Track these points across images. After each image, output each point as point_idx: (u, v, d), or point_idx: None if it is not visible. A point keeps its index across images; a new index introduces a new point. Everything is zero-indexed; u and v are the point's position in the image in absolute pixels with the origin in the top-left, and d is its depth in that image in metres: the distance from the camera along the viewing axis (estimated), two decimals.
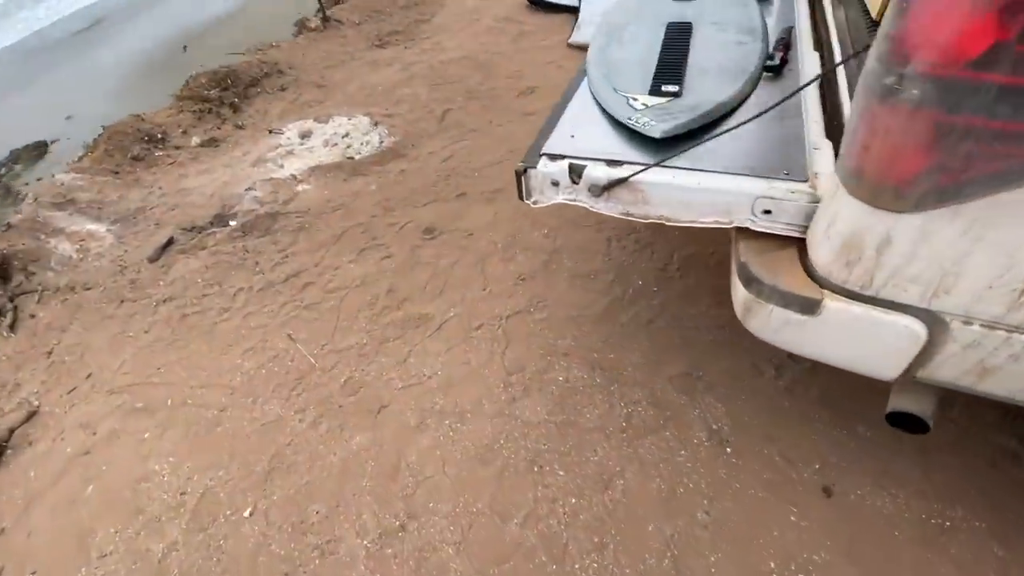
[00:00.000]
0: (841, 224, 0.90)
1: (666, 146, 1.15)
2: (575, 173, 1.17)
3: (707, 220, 1.11)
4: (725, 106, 1.25)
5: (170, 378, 2.07)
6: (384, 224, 2.59)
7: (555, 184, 1.20)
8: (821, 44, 1.43)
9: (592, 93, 1.41)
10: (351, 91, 3.61)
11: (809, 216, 1.01)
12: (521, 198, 1.25)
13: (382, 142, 3.09)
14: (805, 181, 1.04)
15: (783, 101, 1.06)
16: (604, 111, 1.32)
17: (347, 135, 3.15)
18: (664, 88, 1.31)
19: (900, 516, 1.42)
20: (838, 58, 1.25)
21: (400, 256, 2.41)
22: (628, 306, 2.05)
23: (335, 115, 3.35)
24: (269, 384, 1.97)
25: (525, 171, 1.21)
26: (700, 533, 1.45)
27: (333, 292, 2.28)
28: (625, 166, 1.14)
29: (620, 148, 1.19)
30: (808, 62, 1.38)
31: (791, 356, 1.76)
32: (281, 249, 2.52)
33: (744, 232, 1.09)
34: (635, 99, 1.29)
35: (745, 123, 1.07)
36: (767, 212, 1.05)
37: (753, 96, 1.30)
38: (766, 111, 1.06)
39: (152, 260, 2.58)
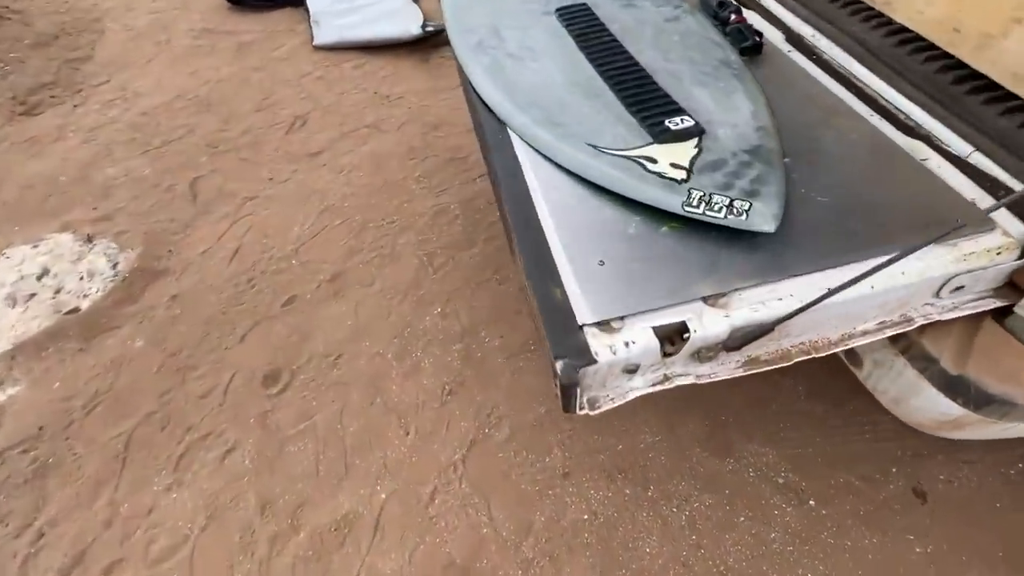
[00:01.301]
0: None
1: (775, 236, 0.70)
2: (669, 341, 0.65)
3: (867, 327, 0.72)
4: (770, 131, 0.84)
5: None
6: (190, 397, 1.67)
7: (632, 371, 0.66)
8: None
9: (554, 162, 0.86)
10: (10, 199, 2.29)
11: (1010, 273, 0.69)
12: (570, 411, 0.66)
13: (116, 265, 2.01)
14: (994, 228, 0.70)
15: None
16: (609, 196, 0.79)
17: (45, 274, 1.97)
18: (674, 127, 0.84)
19: None
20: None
21: (250, 441, 1.57)
22: None
23: (3, 249, 2.08)
24: None
25: (575, 372, 0.62)
26: None
27: (164, 560, 1.36)
28: (741, 294, 0.67)
29: (693, 260, 0.71)
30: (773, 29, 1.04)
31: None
32: (19, 528, 1.43)
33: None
34: (648, 160, 0.80)
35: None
36: (958, 289, 0.70)
37: (757, 98, 0.91)
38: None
39: None
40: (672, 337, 0.65)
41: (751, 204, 0.70)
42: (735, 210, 0.70)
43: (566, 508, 1.45)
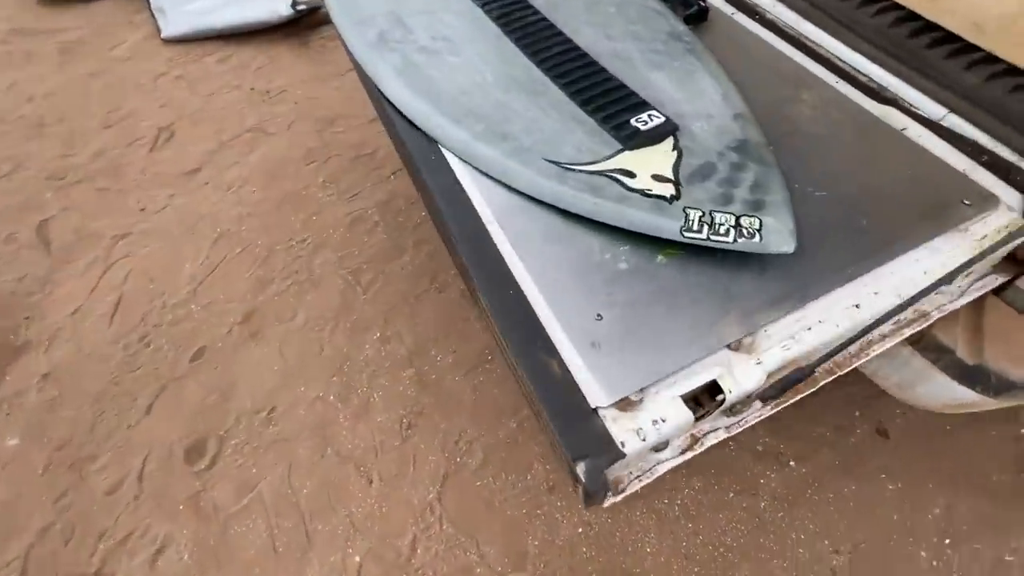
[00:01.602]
0: None
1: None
2: (699, 403, 0.53)
3: (884, 331, 0.65)
4: (749, 118, 0.73)
5: None
6: (95, 495, 1.40)
7: (660, 448, 0.54)
8: None
9: (509, 186, 0.70)
10: None
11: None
12: (594, 505, 0.54)
13: None
14: (998, 205, 0.65)
15: None
16: (584, 222, 0.65)
17: None
18: (643, 126, 0.71)
19: None
20: None
21: (183, 532, 1.34)
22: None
23: None
24: None
25: (601, 472, 0.49)
26: None
27: None
28: (767, 331, 0.57)
29: (704, 296, 0.59)
30: None
31: None
32: None
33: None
34: (624, 174, 0.67)
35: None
36: (968, 274, 0.65)
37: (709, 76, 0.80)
38: None
39: None
40: (702, 399, 0.54)
41: (761, 220, 0.60)
42: (745, 230, 0.60)
43: (558, 525, 1.37)
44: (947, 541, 1.35)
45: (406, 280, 1.80)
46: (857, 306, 0.58)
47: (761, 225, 0.59)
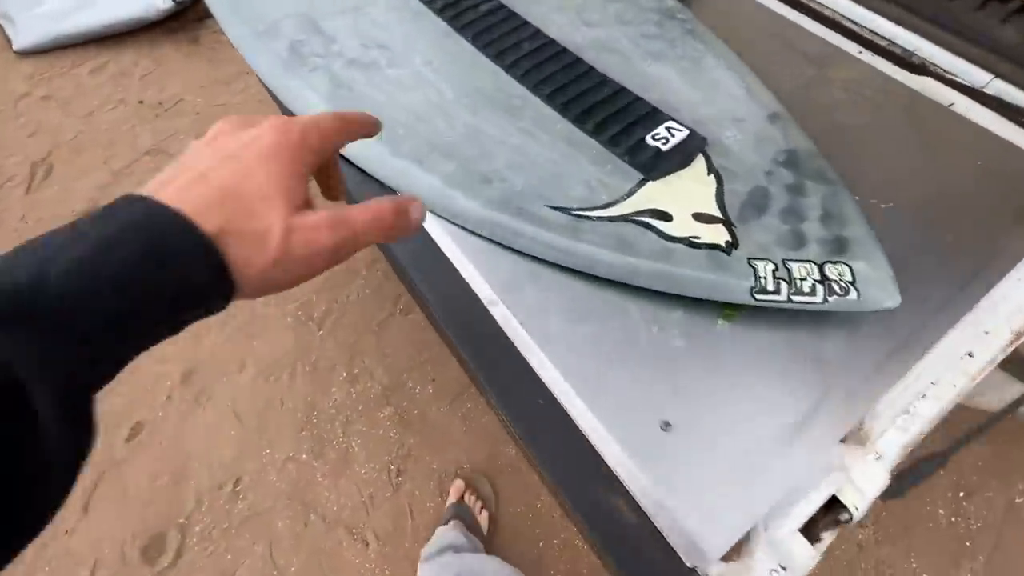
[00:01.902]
0: None
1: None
2: (820, 530, 0.41)
3: None
4: (787, 117, 0.59)
5: None
6: None
7: (779, 570, 0.42)
8: None
9: (504, 246, 0.54)
10: None
11: None
12: None
13: None
14: None
15: None
16: (615, 285, 0.50)
17: None
18: (663, 145, 0.55)
19: None
20: None
21: None
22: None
23: None
24: None
25: None
26: None
27: None
28: (876, 410, 0.44)
29: (792, 375, 0.46)
30: None
31: None
32: None
33: None
34: (655, 216, 0.51)
35: None
36: None
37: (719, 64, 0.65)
38: None
39: None
40: (821, 521, 0.42)
41: (851, 268, 0.47)
42: (835, 284, 0.46)
43: (578, 552, 1.27)
44: (961, 495, 1.35)
45: (365, 307, 1.60)
46: (970, 355, 0.47)
47: (853, 275, 0.46)
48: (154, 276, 0.24)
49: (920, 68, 0.71)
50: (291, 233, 0.29)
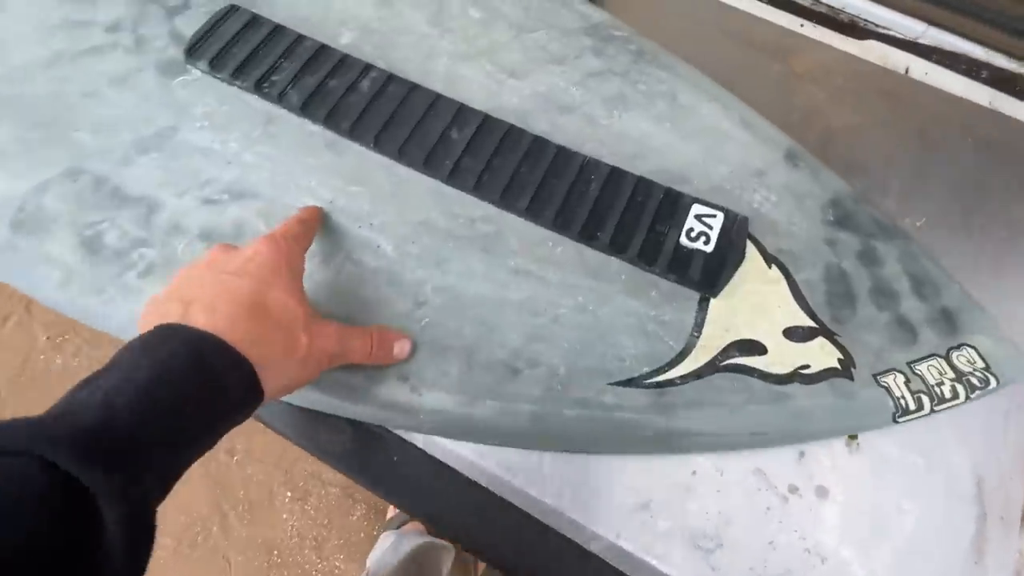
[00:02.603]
0: None
1: None
2: None
3: None
4: (804, 153, 0.48)
5: None
6: None
7: None
8: None
9: (567, 449, 0.39)
10: None
11: None
12: None
13: None
14: None
15: None
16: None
17: None
18: (706, 243, 0.43)
19: None
20: None
21: None
22: None
23: None
24: None
25: None
26: None
27: None
28: None
29: (949, 490, 0.39)
30: None
31: None
32: None
33: None
34: (744, 349, 0.40)
35: None
36: None
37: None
38: None
39: None
40: None
41: (975, 349, 0.40)
42: (973, 378, 0.39)
43: None
44: None
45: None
46: None
47: (983, 358, 0.40)
48: (203, 401, 0.28)
49: (851, 27, 0.65)
50: (312, 340, 0.34)
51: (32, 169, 0.45)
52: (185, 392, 0.27)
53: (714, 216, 0.45)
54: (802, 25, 0.63)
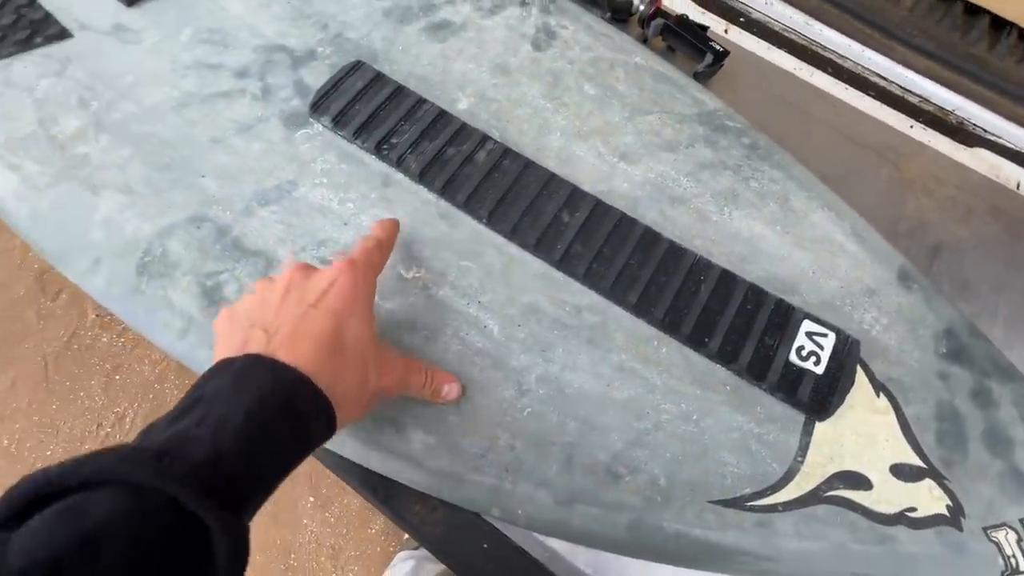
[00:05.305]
0: None
1: None
2: None
3: None
4: (914, 272, 0.48)
5: None
6: None
7: None
8: None
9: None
10: None
11: None
12: None
13: None
14: None
15: None
16: None
17: None
18: (816, 363, 0.42)
19: None
20: None
21: None
22: None
23: None
24: None
25: None
26: None
27: None
28: None
29: None
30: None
31: None
32: None
33: None
34: (847, 482, 0.39)
35: None
36: None
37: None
38: None
39: None
40: None
41: None
42: None
43: None
44: None
45: None
46: None
47: None
48: (290, 442, 0.31)
49: (960, 131, 0.64)
50: (381, 377, 0.36)
51: (160, 213, 0.46)
52: (277, 435, 0.30)
53: (825, 336, 0.44)
54: (911, 126, 0.62)
